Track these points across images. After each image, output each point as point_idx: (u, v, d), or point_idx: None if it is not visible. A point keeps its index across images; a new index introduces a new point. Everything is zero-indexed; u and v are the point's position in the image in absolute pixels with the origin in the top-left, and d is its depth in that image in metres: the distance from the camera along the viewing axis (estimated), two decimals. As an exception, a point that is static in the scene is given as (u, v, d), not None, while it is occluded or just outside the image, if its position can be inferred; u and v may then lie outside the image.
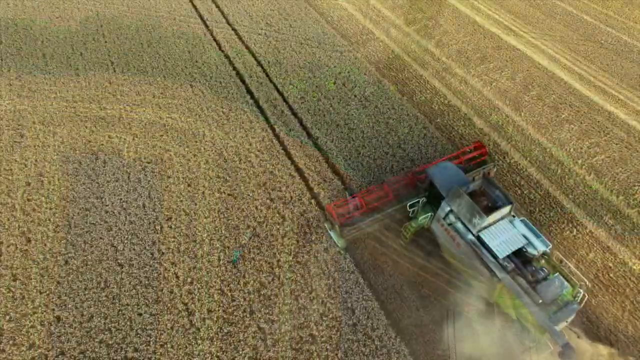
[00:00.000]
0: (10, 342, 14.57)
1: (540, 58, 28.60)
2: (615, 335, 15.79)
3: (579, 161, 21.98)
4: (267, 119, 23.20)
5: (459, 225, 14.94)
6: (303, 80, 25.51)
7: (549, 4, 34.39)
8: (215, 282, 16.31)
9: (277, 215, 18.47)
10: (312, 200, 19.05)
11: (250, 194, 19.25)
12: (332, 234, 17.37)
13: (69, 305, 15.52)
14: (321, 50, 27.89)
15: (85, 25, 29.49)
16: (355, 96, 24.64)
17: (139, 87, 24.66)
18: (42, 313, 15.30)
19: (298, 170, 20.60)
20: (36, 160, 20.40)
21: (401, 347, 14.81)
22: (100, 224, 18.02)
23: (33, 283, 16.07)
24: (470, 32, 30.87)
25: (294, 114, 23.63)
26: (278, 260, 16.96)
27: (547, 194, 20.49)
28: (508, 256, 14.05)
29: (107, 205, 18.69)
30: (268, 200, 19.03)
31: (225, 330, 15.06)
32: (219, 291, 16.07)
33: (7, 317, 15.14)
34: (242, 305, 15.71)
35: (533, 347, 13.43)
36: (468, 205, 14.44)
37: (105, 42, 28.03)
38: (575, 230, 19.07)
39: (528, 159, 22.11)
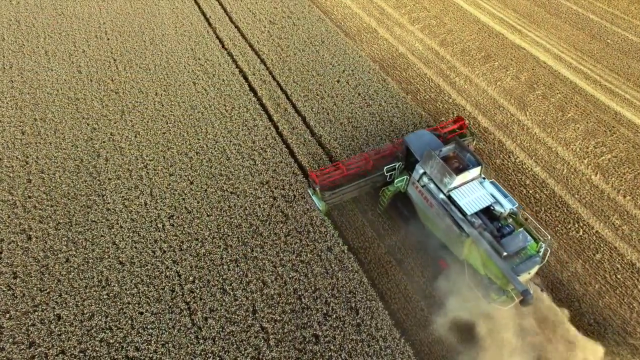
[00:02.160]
0: (10, 340, 14.42)
1: (545, 57, 28.37)
2: (623, 338, 15.57)
3: (585, 161, 21.75)
4: (270, 117, 23.03)
5: (432, 185, 15.74)
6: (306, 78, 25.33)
7: (554, 2, 34.14)
8: (217, 280, 16.13)
9: (280, 213, 18.29)
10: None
11: (253, 192, 19.07)
12: (314, 198, 18.22)
13: (70, 304, 15.36)
14: (324, 49, 27.70)
15: (88, 22, 29.35)
16: (359, 94, 24.45)
17: (142, 85, 24.50)
18: (43, 311, 15.15)
19: (301, 168, 20.42)
20: (37, 158, 20.27)
21: (405, 348, 14.61)
22: (102, 222, 17.87)
23: (33, 281, 15.92)
24: (475, 31, 30.65)
25: (297, 112, 23.45)
26: (281, 259, 16.77)
27: (552, 193, 20.27)
28: (476, 213, 14.80)
29: (108, 203, 18.53)
30: (271, 199, 18.84)
31: (228, 330, 14.88)
32: (221, 290, 15.89)
33: (7, 315, 15.00)
34: (244, 304, 15.53)
35: (498, 299, 14.30)
36: (439, 166, 15.20)
37: (108, 39, 27.89)
38: (581, 230, 18.84)
39: (533, 158, 21.89)
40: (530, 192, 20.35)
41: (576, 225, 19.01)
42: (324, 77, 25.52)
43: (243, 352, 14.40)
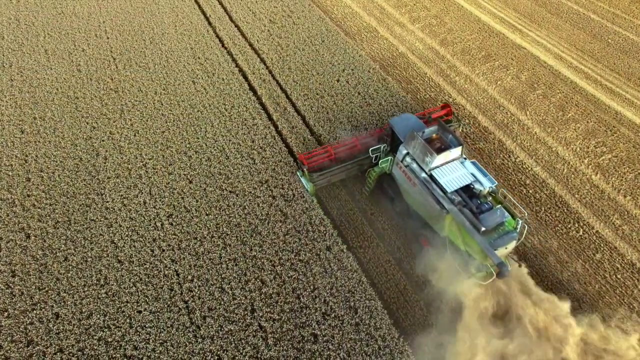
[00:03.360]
0: (9, 338, 14.39)
1: (546, 57, 28.31)
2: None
3: (585, 160, 21.69)
4: (269, 116, 22.99)
5: (415, 165, 16.29)
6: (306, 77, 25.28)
7: (554, 2, 34.07)
8: (216, 279, 16.09)
9: (279, 213, 18.25)
10: (315, 198, 18.83)
11: (252, 191, 19.04)
12: (302, 180, 18.81)
13: (68, 302, 15.33)
14: (324, 48, 27.66)
15: (88, 21, 29.34)
16: (359, 94, 24.40)
17: (141, 84, 24.48)
18: (41, 310, 15.12)
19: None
20: (36, 156, 20.24)
21: (404, 347, 14.57)
22: (101, 221, 17.84)
23: (32, 279, 15.89)
24: (475, 31, 30.59)
25: (297, 111, 23.42)
26: (280, 258, 16.74)
27: (552, 193, 20.22)
28: (456, 191, 15.30)
29: (107, 202, 18.51)
30: (270, 198, 18.81)
31: (226, 329, 14.84)
32: (220, 289, 15.85)
33: (6, 314, 14.97)
34: (243, 303, 15.49)
35: (477, 274, 14.81)
36: (421, 147, 15.78)
37: (108, 38, 27.87)
38: (581, 230, 18.79)
39: (533, 158, 21.83)
40: (531, 191, 20.29)
41: (576, 225, 18.96)
42: (323, 76, 25.49)
43: (241, 351, 14.37)
